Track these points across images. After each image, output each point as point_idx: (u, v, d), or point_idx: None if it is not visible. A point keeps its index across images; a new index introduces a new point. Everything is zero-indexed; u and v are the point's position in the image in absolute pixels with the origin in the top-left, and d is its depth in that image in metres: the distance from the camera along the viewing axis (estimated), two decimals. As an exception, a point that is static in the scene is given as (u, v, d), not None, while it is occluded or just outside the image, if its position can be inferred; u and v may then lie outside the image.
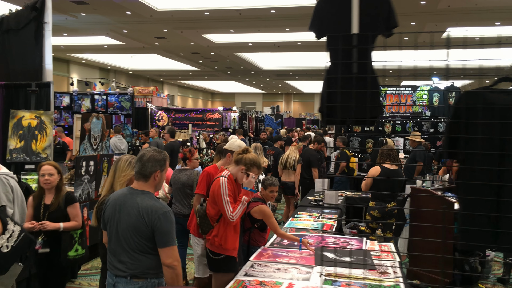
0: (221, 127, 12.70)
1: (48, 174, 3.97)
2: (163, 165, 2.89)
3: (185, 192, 5.38)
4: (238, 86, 34.29)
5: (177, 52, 20.47)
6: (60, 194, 4.07)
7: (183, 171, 5.55)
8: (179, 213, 5.28)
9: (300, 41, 17.38)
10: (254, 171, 3.72)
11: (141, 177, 2.88)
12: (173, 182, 5.49)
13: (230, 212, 3.63)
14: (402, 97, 11.42)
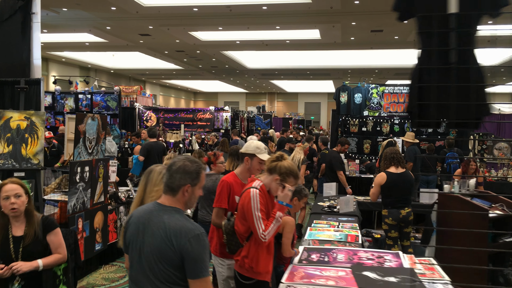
0: (213, 127, 12.15)
1: (14, 196, 3.01)
2: (195, 178, 2.38)
3: (211, 199, 4.85)
4: (221, 86, 33.71)
5: (162, 50, 19.82)
6: (33, 220, 3.14)
7: (207, 176, 5.08)
8: (204, 220, 5.08)
9: (289, 40, 16.97)
10: (291, 182, 3.20)
11: (169, 191, 2.38)
12: None
13: (262, 230, 3.10)
14: (400, 96, 11.08)
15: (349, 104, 11.24)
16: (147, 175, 2.97)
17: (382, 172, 5.45)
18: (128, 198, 6.46)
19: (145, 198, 2.88)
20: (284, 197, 3.14)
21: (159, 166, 3.03)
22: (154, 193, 2.84)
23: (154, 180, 2.91)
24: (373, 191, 5.49)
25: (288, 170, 3.18)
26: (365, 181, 9.82)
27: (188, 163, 2.38)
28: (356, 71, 24.46)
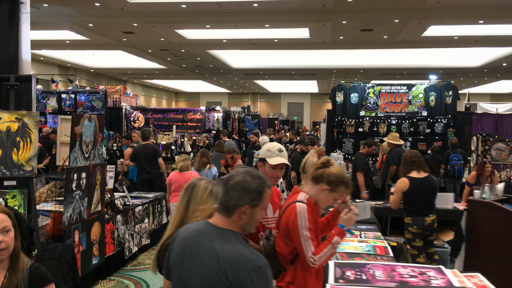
0: (204, 128, 11.62)
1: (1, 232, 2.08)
2: (256, 198, 1.91)
3: None
4: (204, 86, 33.11)
5: (145, 49, 19.17)
6: (18, 266, 2.16)
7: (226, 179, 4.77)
8: None
9: (278, 38, 16.56)
10: (341, 192, 2.75)
11: (223, 210, 1.93)
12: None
13: (311, 253, 2.63)
14: (398, 96, 10.78)
15: (345, 104, 10.89)
16: (190, 191, 2.45)
17: (404, 178, 5.05)
18: (124, 205, 5.94)
19: (187, 218, 2.36)
20: (347, 221, 2.69)
21: (203, 180, 2.52)
22: (199, 212, 2.32)
23: (199, 197, 2.40)
24: (394, 198, 5.08)
25: (338, 178, 2.73)
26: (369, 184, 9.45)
27: (249, 178, 1.92)
28: (341, 71, 24.25)
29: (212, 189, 2.41)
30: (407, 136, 10.71)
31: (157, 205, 6.92)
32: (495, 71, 22.88)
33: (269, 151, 3.09)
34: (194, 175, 6.70)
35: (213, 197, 2.35)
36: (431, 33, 15.44)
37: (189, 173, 6.63)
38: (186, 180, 6.74)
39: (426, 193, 5.00)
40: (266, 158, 3.08)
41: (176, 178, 6.59)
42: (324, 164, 2.79)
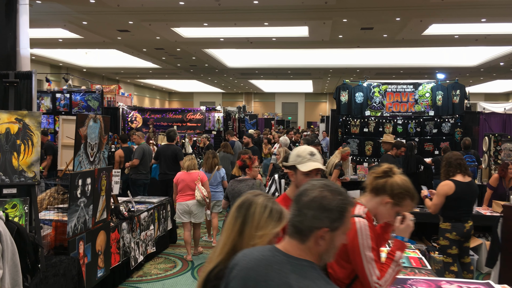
0: (204, 128, 11.22)
1: None
2: (337, 219, 1.53)
3: None
4: (197, 85, 32.65)
5: (140, 47, 18.70)
6: None
7: (243, 181, 4.86)
8: None
9: (276, 37, 16.19)
10: (407, 205, 2.38)
11: (295, 233, 1.55)
12: (231, 195, 4.79)
13: (376, 278, 2.24)
14: (404, 95, 10.48)
15: (350, 104, 10.57)
16: (244, 211, 1.97)
17: (449, 181, 4.68)
18: (129, 211, 5.53)
19: (241, 244, 1.89)
20: (405, 231, 2.31)
21: (260, 196, 2.03)
22: (257, 240, 1.86)
23: (257, 219, 1.91)
24: (436, 201, 4.67)
25: (404, 189, 2.35)
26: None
27: (328, 194, 1.53)
28: (337, 70, 23.95)
29: (272, 209, 1.94)
30: (413, 136, 10.42)
31: (162, 210, 6.52)
32: (491, 70, 22.74)
33: (299, 156, 2.69)
34: (201, 175, 6.58)
35: (274, 219, 1.90)
36: (432, 31, 15.17)
37: (195, 172, 6.54)
38: (193, 179, 6.50)
39: (470, 198, 4.67)
40: (296, 165, 2.70)
41: (183, 177, 6.47)
42: (386, 173, 2.41)
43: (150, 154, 8.37)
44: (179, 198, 6.44)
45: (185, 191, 6.41)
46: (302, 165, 2.66)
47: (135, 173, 8.20)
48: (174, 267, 6.13)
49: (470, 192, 4.66)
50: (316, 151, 2.75)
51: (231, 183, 4.97)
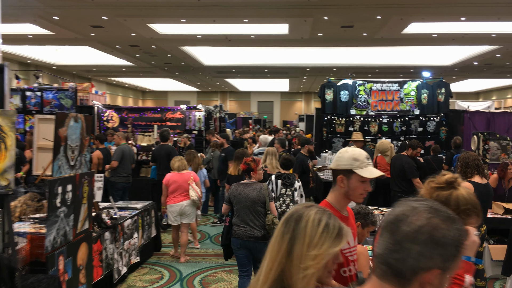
0: (184, 128, 10.72)
1: None
2: (451, 257, 1.13)
3: (256, 210, 4.56)
4: (172, 84, 31.94)
5: (114, 44, 17.99)
6: None
7: (248, 185, 4.65)
8: (248, 235, 4.53)
9: (255, 35, 15.79)
10: (472, 223, 2.00)
11: (392, 275, 1.15)
12: (236, 200, 4.61)
13: None
14: (389, 94, 10.27)
15: (335, 102, 10.28)
16: (293, 224, 1.53)
17: (467, 183, 4.37)
18: (112, 219, 5.04)
19: (290, 268, 1.46)
20: (472, 248, 1.93)
21: (312, 208, 1.58)
22: (310, 261, 1.44)
23: (309, 234, 1.49)
24: None
25: (472, 204, 1.96)
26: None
27: (439, 222, 1.13)
28: (314, 69, 23.75)
29: (328, 223, 1.52)
30: (398, 135, 10.23)
31: (146, 216, 6.04)
32: (465, 70, 22.95)
33: (357, 160, 2.31)
34: (193, 175, 6.44)
35: (331, 236, 1.49)
36: (411, 30, 15.07)
37: (187, 172, 6.39)
38: (186, 180, 6.19)
39: (487, 201, 4.37)
40: (354, 169, 2.32)
41: (175, 178, 6.28)
42: (450, 184, 2.01)
43: (131, 156, 7.87)
44: (171, 200, 6.27)
45: (178, 192, 6.26)
46: (362, 170, 2.28)
47: (114, 175, 7.68)
48: (161, 278, 5.66)
49: (487, 194, 4.38)
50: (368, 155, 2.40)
51: (235, 187, 4.69)
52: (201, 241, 7.43)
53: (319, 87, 35.16)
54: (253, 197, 4.52)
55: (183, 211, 6.27)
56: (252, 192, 4.55)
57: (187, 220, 6.37)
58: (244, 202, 4.56)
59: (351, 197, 2.36)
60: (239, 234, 4.53)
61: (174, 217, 6.27)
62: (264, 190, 4.59)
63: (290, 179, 6.07)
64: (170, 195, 6.27)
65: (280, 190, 5.87)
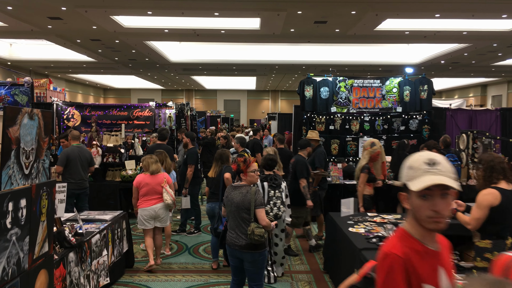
0: (153, 127, 9.82)
1: None
2: None
3: (241, 217, 4.10)
4: (135, 81, 30.65)
5: (74, 38, 16.76)
6: None
7: (237, 188, 4.22)
8: (234, 243, 4.12)
9: (225, 29, 15.03)
10: None
11: None
12: (226, 203, 4.28)
13: None
14: (370, 91, 9.75)
15: (315, 99, 9.67)
16: None
17: (493, 190, 3.78)
18: (76, 235, 4.20)
19: None
20: None
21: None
22: None
23: None
24: (477, 215, 3.73)
25: None
26: (352, 189, 8.30)
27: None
28: (283, 67, 23.20)
29: None
30: (380, 134, 9.74)
31: (117, 229, 5.19)
32: (431, 68, 22.97)
33: (411, 167, 1.68)
34: (166, 177, 6.05)
35: None
36: (384, 27, 14.72)
37: (161, 174, 6.01)
38: (159, 182, 5.77)
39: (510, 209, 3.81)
40: (407, 182, 1.65)
41: (147, 180, 5.88)
42: None
43: (83, 158, 6.89)
44: (143, 203, 5.86)
45: (150, 195, 5.86)
46: (414, 181, 1.64)
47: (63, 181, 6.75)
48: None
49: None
50: (441, 157, 1.69)
51: (228, 189, 4.33)
52: (178, 254, 6.64)
53: (286, 85, 34.87)
54: (237, 201, 4.10)
55: (156, 215, 5.91)
56: (237, 196, 4.11)
57: (161, 224, 6.04)
58: (230, 206, 4.17)
59: (420, 222, 1.69)
60: (228, 241, 4.19)
61: (147, 221, 5.86)
62: (251, 194, 4.09)
63: (277, 180, 5.56)
64: (142, 198, 5.89)
65: (268, 193, 5.28)
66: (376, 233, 4.44)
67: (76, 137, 6.95)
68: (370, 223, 4.87)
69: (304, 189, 6.32)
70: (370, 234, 4.41)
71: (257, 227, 3.97)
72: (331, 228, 5.28)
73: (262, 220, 4.04)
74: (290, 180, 6.52)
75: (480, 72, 24.15)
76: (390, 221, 4.90)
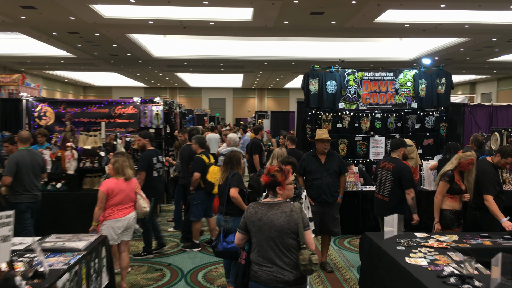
0: (138, 125, 8.49)
1: None
2: None
3: (284, 244, 3.09)
4: (117, 79, 29.07)
5: (50, 31, 15.25)
6: None
7: (273, 206, 3.17)
8: (276, 279, 3.05)
9: (214, 21, 13.76)
10: None
11: None
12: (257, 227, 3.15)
13: None
14: (382, 84, 8.62)
15: (321, 94, 8.49)
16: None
17: None
18: (34, 277, 2.93)
19: None
20: None
21: None
22: None
23: None
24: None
25: None
26: (371, 197, 7.15)
27: None
28: (272, 63, 22.05)
29: None
30: (393, 132, 8.63)
31: (94, 259, 3.90)
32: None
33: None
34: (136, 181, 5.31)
35: None
36: (384, 19, 13.67)
37: (134, 179, 5.24)
38: (133, 188, 5.11)
39: None
40: None
41: (122, 186, 4.98)
42: None
43: (36, 164, 5.57)
44: (117, 213, 4.90)
45: (125, 204, 4.98)
46: None
47: (13, 194, 5.44)
48: None
49: None
50: None
51: (254, 209, 3.24)
52: (171, 284, 5.37)
53: (273, 82, 33.71)
54: (280, 224, 3.09)
55: (129, 225, 5.06)
56: (279, 217, 3.11)
57: (129, 237, 5.16)
58: (268, 231, 3.12)
59: None
60: (261, 278, 3.10)
61: (118, 235, 4.94)
62: (297, 213, 3.14)
63: (297, 189, 4.53)
64: (114, 207, 4.90)
65: None
66: (445, 265, 3.26)
67: (25, 139, 5.61)
68: (426, 249, 3.70)
69: (413, 201, 5.19)
70: (439, 267, 3.23)
71: (312, 254, 3.05)
72: (373, 255, 4.06)
73: (312, 244, 3.16)
74: (390, 190, 5.37)
75: (472, 69, 23.41)
76: (452, 246, 3.75)
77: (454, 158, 4.81)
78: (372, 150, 8.60)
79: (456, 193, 4.68)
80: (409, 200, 5.15)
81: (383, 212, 5.16)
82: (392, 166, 5.40)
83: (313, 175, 5.73)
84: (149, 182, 6.21)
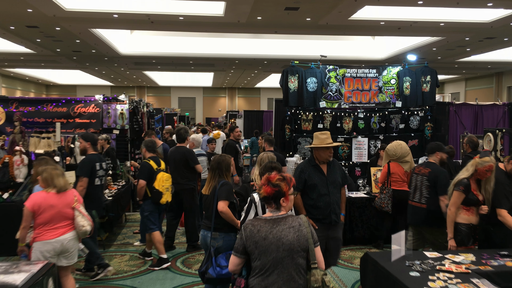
0: (101, 126, 7.59)
1: None
2: None
3: (294, 264, 2.56)
4: (81, 77, 27.69)
5: (6, 24, 14.04)
6: None
7: (279, 222, 2.64)
8: None
9: (184, 15, 12.93)
10: None
11: None
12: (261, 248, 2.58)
13: None
14: (365, 82, 8.06)
15: (301, 92, 7.85)
16: None
17: None
18: None
19: None
20: None
21: None
22: None
23: None
24: None
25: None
26: (359, 204, 6.53)
27: None
28: (243, 61, 21.34)
29: None
30: (377, 133, 8.09)
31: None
32: (395, 64, 21.87)
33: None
34: (77, 194, 4.28)
35: None
36: (359, 16, 13.20)
37: (70, 192, 4.21)
38: (69, 203, 4.11)
39: None
40: None
41: (52, 202, 3.99)
42: None
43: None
44: (45, 234, 3.96)
45: (56, 222, 4.01)
46: None
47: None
48: None
49: None
50: None
51: (253, 226, 2.68)
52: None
53: (244, 81, 32.96)
54: (290, 241, 2.60)
55: (64, 249, 4.07)
56: (287, 234, 2.62)
57: (68, 261, 4.14)
58: (276, 252, 2.59)
59: None
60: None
61: (50, 258, 3.93)
62: (305, 227, 2.68)
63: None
64: (43, 227, 3.96)
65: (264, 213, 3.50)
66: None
67: None
68: (445, 275, 3.07)
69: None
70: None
71: (324, 275, 2.62)
72: (381, 282, 3.36)
73: (322, 262, 2.70)
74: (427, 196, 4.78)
75: (442, 68, 23.37)
76: (473, 270, 3.14)
77: (469, 164, 4.21)
78: (354, 152, 8.04)
79: (472, 205, 4.09)
80: (443, 208, 4.54)
81: (420, 220, 4.72)
82: (428, 171, 4.83)
83: (319, 191, 4.44)
84: (90, 192, 5.22)
